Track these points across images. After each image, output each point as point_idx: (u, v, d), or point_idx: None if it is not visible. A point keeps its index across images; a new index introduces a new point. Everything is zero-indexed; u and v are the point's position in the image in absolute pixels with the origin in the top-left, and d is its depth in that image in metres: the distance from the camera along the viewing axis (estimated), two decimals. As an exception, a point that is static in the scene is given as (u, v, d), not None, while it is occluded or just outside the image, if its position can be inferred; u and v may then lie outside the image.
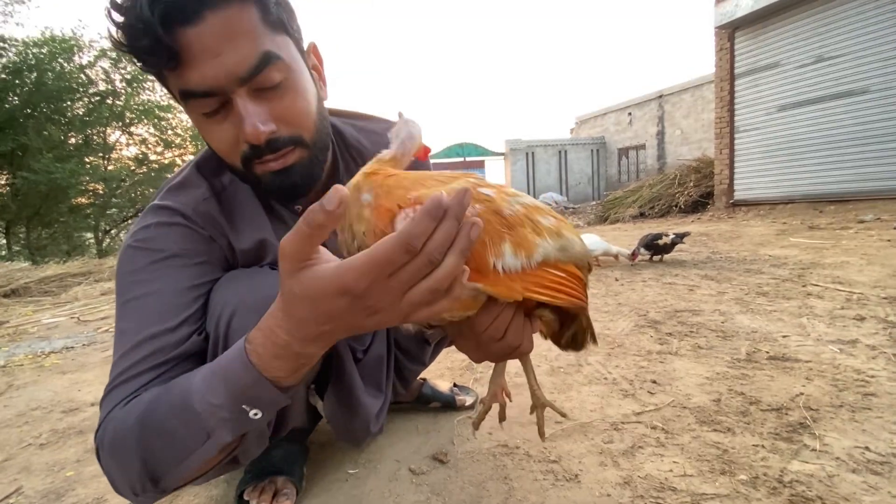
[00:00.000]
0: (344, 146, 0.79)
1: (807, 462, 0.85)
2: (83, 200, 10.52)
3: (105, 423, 0.55)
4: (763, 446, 0.91)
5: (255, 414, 0.49)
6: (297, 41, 0.63)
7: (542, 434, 0.67)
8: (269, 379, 0.46)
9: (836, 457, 0.86)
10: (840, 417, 1.00)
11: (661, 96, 12.32)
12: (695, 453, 0.91)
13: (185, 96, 0.56)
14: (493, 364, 0.69)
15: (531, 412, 0.69)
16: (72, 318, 2.96)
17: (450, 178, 0.53)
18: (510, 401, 0.72)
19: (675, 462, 0.88)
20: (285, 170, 0.62)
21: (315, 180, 0.67)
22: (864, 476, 0.80)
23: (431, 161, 0.94)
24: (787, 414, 1.02)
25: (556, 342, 0.65)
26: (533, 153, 14.52)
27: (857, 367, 1.24)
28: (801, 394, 1.11)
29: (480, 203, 0.49)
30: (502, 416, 0.71)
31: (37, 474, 1.02)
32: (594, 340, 0.66)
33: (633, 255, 3.18)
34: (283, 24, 0.59)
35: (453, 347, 1.66)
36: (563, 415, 0.69)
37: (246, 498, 0.81)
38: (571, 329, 0.63)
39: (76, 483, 0.97)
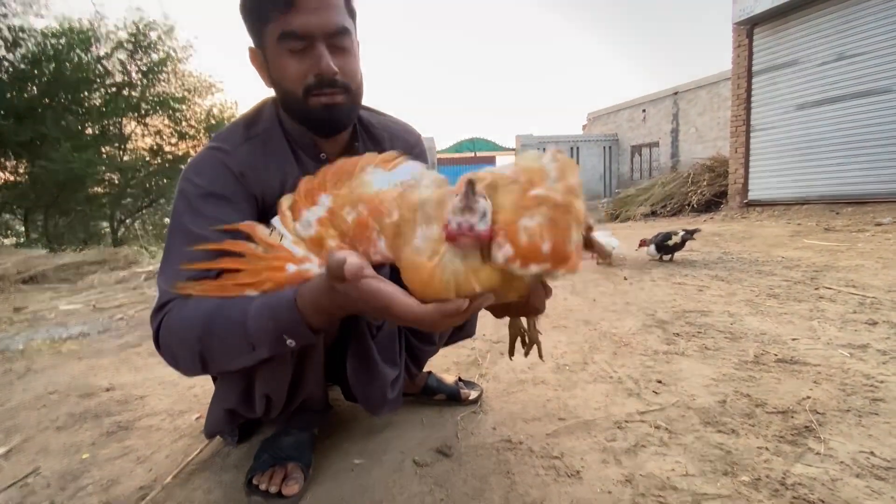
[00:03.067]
0: (360, 123, 0.98)
1: (810, 465, 0.85)
2: (99, 190, 10.68)
3: (167, 316, 0.69)
4: (767, 448, 0.91)
5: (290, 342, 0.65)
6: (355, 27, 0.85)
7: (539, 353, 0.84)
8: (307, 323, 0.63)
9: (841, 461, 0.86)
10: (847, 422, 0.99)
11: (676, 93, 12.14)
12: (697, 453, 0.91)
13: (285, 36, 0.76)
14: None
15: (523, 347, 0.84)
16: (88, 305, 3.03)
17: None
18: (528, 345, 0.84)
19: (677, 462, 0.89)
20: (332, 105, 0.81)
21: (347, 124, 0.88)
22: (867, 481, 0.80)
23: (441, 156, 1.01)
24: (792, 417, 1.02)
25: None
26: (544, 149, 14.41)
27: (866, 371, 1.23)
28: (808, 397, 1.11)
29: (543, 205, 0.54)
30: (512, 352, 0.85)
31: (54, 456, 1.06)
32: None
33: (642, 242, 3.20)
34: (353, 12, 0.83)
35: (459, 344, 1.67)
36: (540, 356, 0.84)
37: (255, 483, 0.84)
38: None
39: (91, 465, 1.01)
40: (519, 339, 0.84)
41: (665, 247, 3.10)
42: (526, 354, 0.84)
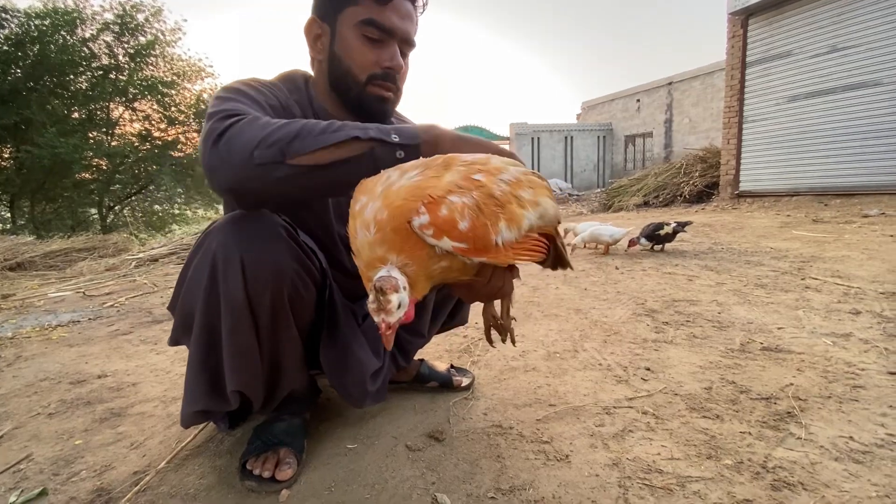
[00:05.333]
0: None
1: (791, 449, 0.88)
2: (87, 176, 10.51)
3: (248, 119, 0.67)
4: (750, 433, 0.94)
5: (395, 137, 0.68)
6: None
7: (512, 340, 0.84)
8: (417, 136, 0.70)
9: (821, 445, 0.89)
10: (827, 408, 1.02)
11: (670, 83, 12.12)
12: (683, 438, 0.93)
13: (368, 23, 0.83)
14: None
15: (499, 332, 0.84)
16: (77, 292, 3.00)
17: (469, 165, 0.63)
18: (501, 332, 0.84)
19: (663, 446, 0.91)
20: (385, 98, 0.89)
21: (389, 117, 0.94)
22: (845, 464, 0.83)
23: None
24: (775, 403, 1.05)
25: (554, 268, 0.82)
26: (539, 138, 14.38)
27: (848, 359, 1.26)
28: (791, 384, 1.13)
29: (476, 190, 0.59)
30: (490, 339, 0.85)
31: (46, 442, 1.06)
32: (569, 266, 0.82)
33: (631, 242, 3.20)
34: (417, 29, 0.91)
35: (451, 331, 1.68)
36: (513, 342, 0.84)
37: (249, 468, 0.85)
38: (548, 264, 0.79)
39: (85, 451, 1.01)
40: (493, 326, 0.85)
41: (656, 237, 3.13)
42: (503, 341, 0.84)
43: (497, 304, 0.82)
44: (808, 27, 6.08)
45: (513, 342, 0.84)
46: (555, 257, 0.79)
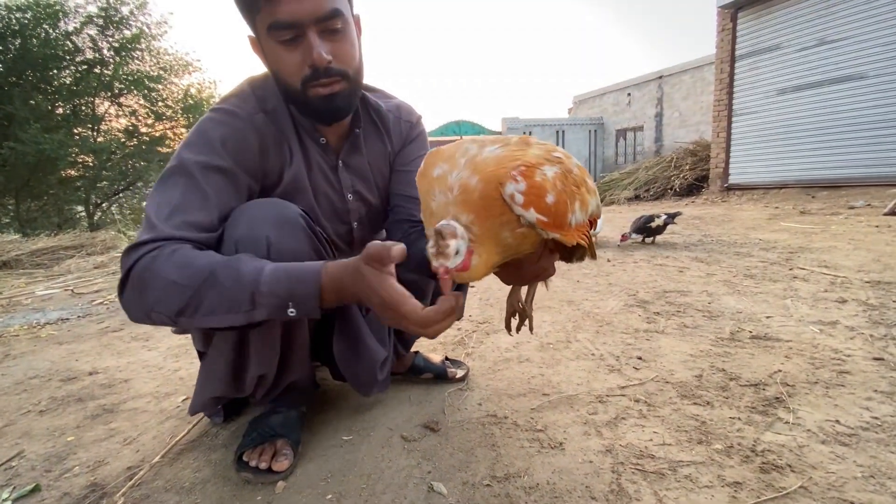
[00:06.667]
0: (365, 106, 0.96)
1: (779, 433, 0.90)
2: (73, 173, 10.32)
3: (157, 254, 0.67)
4: (739, 419, 0.95)
5: (292, 312, 0.66)
6: (352, 6, 0.83)
7: (530, 327, 0.86)
8: (320, 299, 0.65)
9: (808, 429, 0.91)
10: (814, 393, 1.04)
11: (660, 77, 12.17)
12: (674, 424, 0.95)
13: (273, 27, 0.74)
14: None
15: (517, 318, 0.85)
16: (66, 290, 2.96)
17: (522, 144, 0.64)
18: (522, 317, 0.86)
19: (655, 432, 0.92)
20: (331, 95, 0.80)
21: (350, 109, 0.86)
22: (832, 447, 0.85)
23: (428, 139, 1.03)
24: (764, 389, 1.07)
25: (568, 261, 0.80)
26: (530, 132, 14.37)
27: (835, 346, 1.29)
28: (780, 371, 1.16)
29: (556, 165, 0.62)
30: (509, 326, 0.86)
31: (37, 439, 1.05)
32: (594, 256, 0.80)
33: (623, 237, 3.23)
34: None
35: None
36: (531, 328, 0.86)
37: (245, 459, 0.85)
38: (578, 254, 0.78)
39: (77, 447, 1.00)
40: (515, 313, 0.86)
41: (647, 229, 3.16)
42: (518, 329, 0.85)
43: (524, 291, 0.84)
44: (796, 20, 6.13)
45: (530, 329, 0.85)
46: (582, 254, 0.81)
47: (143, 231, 0.70)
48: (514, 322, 0.86)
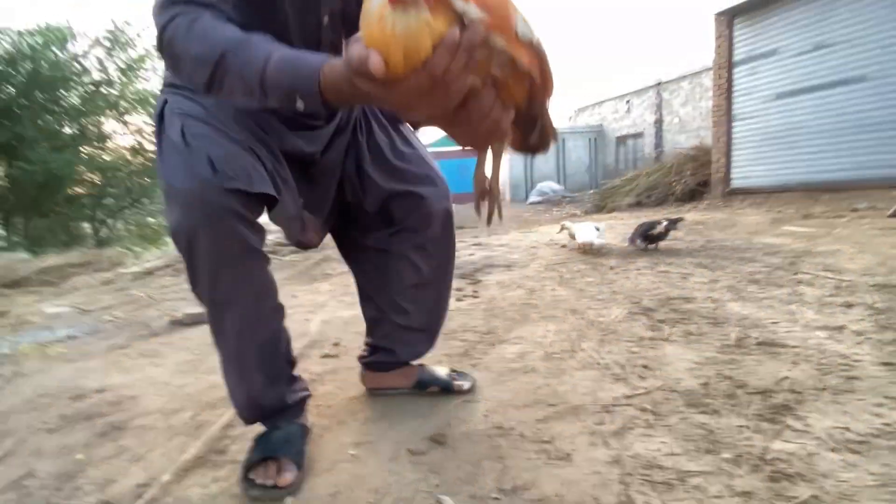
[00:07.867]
0: None
1: (788, 441, 0.89)
2: (80, 191, 10.46)
3: (183, 19, 0.67)
4: (747, 427, 0.95)
5: (300, 105, 0.65)
6: None
7: (488, 220, 0.75)
8: (322, 94, 0.62)
9: (817, 436, 0.90)
10: (823, 400, 1.04)
11: (659, 84, 12.26)
12: (682, 434, 0.94)
13: None
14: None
15: (482, 198, 0.74)
16: (74, 307, 2.98)
17: None
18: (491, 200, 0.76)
19: (662, 442, 0.92)
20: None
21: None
22: (843, 455, 0.84)
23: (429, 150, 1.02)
24: (771, 397, 1.06)
25: (526, 148, 0.74)
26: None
27: (842, 352, 1.28)
28: (787, 377, 1.15)
29: None
30: (479, 209, 0.76)
31: (48, 458, 1.06)
32: (555, 137, 0.74)
33: (632, 240, 3.25)
34: None
35: (449, 336, 1.68)
36: (500, 216, 0.76)
37: (251, 477, 0.85)
38: (536, 130, 0.71)
39: (87, 465, 1.01)
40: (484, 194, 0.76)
41: (649, 236, 3.16)
42: (489, 217, 0.75)
43: (488, 166, 0.75)
44: (792, 25, 6.19)
45: (499, 215, 0.76)
46: (542, 127, 0.72)
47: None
48: (485, 209, 0.75)
